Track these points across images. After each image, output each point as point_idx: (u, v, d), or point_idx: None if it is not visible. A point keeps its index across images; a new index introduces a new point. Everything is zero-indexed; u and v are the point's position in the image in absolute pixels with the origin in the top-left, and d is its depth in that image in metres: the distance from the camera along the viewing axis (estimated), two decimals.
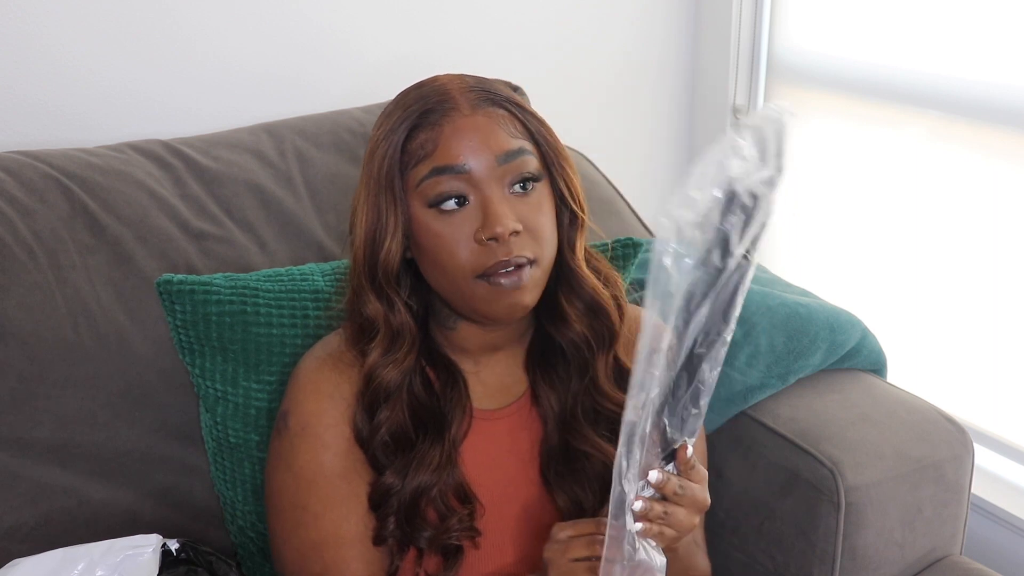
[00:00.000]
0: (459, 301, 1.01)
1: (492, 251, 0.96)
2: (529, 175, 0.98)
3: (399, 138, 0.98)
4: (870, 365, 1.44)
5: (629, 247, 1.38)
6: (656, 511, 0.86)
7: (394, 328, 1.02)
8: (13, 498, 1.13)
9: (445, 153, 0.96)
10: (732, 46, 1.94)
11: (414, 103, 0.99)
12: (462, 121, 0.97)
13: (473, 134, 0.96)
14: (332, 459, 1.04)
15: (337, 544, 1.02)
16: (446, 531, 1.02)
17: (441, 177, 0.96)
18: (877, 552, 1.26)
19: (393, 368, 1.02)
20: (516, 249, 0.96)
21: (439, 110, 0.98)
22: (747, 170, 0.77)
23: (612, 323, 1.07)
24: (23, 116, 1.43)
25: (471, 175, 0.96)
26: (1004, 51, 1.55)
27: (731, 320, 0.82)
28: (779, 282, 1.54)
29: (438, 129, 0.97)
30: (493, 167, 0.96)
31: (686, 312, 0.80)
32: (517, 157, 0.97)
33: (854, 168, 1.85)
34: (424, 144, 0.97)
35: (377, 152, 0.99)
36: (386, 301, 1.02)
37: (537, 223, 0.98)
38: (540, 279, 1.00)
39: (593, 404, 1.07)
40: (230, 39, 1.56)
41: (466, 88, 0.99)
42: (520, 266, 0.97)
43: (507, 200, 0.97)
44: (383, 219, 0.99)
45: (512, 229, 0.96)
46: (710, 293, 0.80)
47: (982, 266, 1.66)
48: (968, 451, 1.32)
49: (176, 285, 1.21)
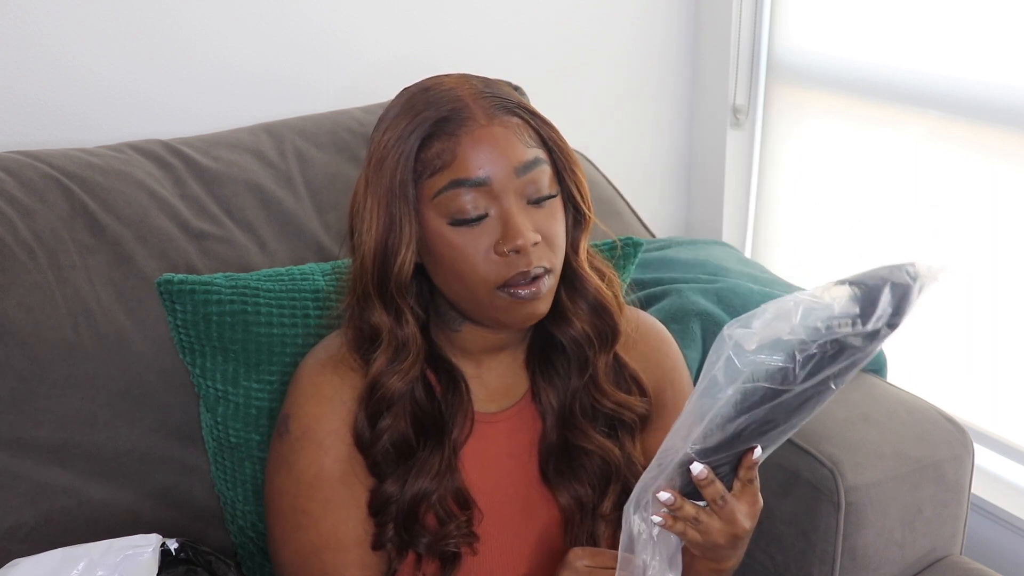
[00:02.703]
0: (475, 310, 1.00)
1: (513, 263, 0.96)
2: (548, 193, 0.98)
3: (412, 147, 0.97)
4: (870, 365, 1.44)
5: (629, 247, 1.38)
6: (688, 511, 0.87)
7: (400, 340, 1.02)
8: (13, 498, 1.13)
9: (464, 165, 0.95)
10: (732, 46, 1.94)
11: (425, 109, 0.98)
12: (480, 132, 0.96)
13: (491, 145, 0.96)
14: (332, 464, 1.03)
15: (336, 548, 1.02)
16: (444, 537, 1.02)
17: (460, 189, 0.95)
18: (877, 552, 1.26)
19: (398, 379, 1.02)
20: (535, 260, 0.96)
21: (455, 119, 0.96)
22: (835, 325, 0.78)
23: (615, 322, 1.07)
24: (23, 116, 1.43)
25: (491, 187, 0.96)
26: (1004, 51, 1.55)
27: (795, 422, 0.84)
28: (779, 282, 1.54)
29: (455, 140, 0.96)
30: (511, 178, 0.96)
31: (741, 406, 0.81)
32: (534, 168, 0.97)
33: (854, 168, 1.85)
34: (441, 154, 0.96)
35: (387, 160, 0.98)
36: (394, 312, 1.01)
37: (553, 232, 0.99)
38: (554, 286, 1.01)
39: (592, 402, 1.07)
40: (230, 39, 1.56)
41: (478, 94, 0.98)
42: (538, 277, 0.97)
43: (525, 211, 0.97)
44: (396, 229, 0.97)
45: (533, 241, 0.96)
46: (769, 403, 0.81)
47: (982, 266, 1.66)
48: (968, 451, 1.32)
49: (176, 285, 1.21)
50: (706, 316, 1.39)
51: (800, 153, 1.95)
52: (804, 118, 1.93)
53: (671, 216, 2.12)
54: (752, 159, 2.04)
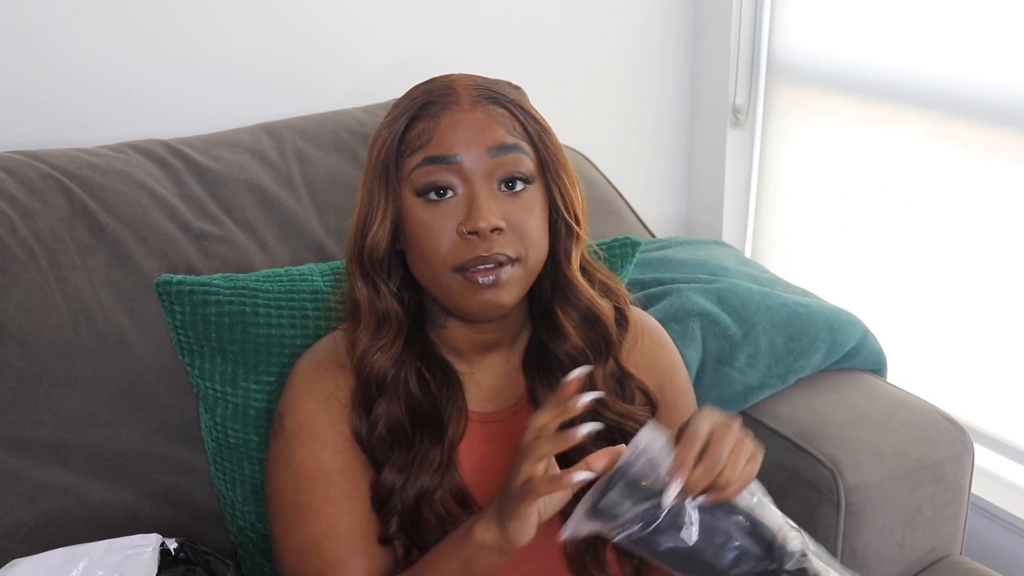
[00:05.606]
0: (438, 293, 1.01)
1: (472, 245, 0.96)
2: (520, 175, 0.98)
3: (399, 127, 1.00)
4: (870, 365, 1.44)
5: (628, 247, 1.38)
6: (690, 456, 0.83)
7: (380, 312, 1.03)
8: (13, 498, 1.13)
9: (439, 143, 0.97)
10: (732, 46, 1.94)
11: (419, 95, 1.01)
12: (460, 115, 0.98)
13: (469, 127, 0.97)
14: (331, 456, 1.04)
15: (336, 539, 1.02)
16: (446, 536, 1.02)
17: (432, 167, 0.97)
18: (877, 552, 1.26)
19: (381, 355, 1.02)
20: (497, 247, 0.96)
21: (440, 103, 0.99)
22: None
23: (608, 333, 1.07)
24: (23, 116, 1.43)
25: (462, 167, 0.97)
26: (1004, 51, 1.55)
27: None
28: (779, 282, 1.54)
29: (435, 120, 0.98)
30: (485, 160, 0.97)
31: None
32: (510, 152, 0.98)
33: (854, 168, 1.85)
34: (421, 134, 0.98)
35: (379, 140, 1.01)
36: (372, 286, 1.03)
37: (524, 223, 0.98)
38: (522, 278, 1.00)
39: (592, 414, 1.07)
40: (230, 39, 1.56)
41: (472, 85, 1.00)
42: (501, 264, 0.97)
43: (495, 197, 0.97)
44: (374, 204, 1.00)
45: (494, 225, 0.96)
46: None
47: (982, 266, 1.66)
48: (968, 451, 1.32)
49: (175, 285, 1.21)
50: (706, 316, 1.39)
51: (800, 153, 1.95)
52: (804, 118, 1.93)
53: (671, 216, 2.12)
54: (752, 159, 2.04)
